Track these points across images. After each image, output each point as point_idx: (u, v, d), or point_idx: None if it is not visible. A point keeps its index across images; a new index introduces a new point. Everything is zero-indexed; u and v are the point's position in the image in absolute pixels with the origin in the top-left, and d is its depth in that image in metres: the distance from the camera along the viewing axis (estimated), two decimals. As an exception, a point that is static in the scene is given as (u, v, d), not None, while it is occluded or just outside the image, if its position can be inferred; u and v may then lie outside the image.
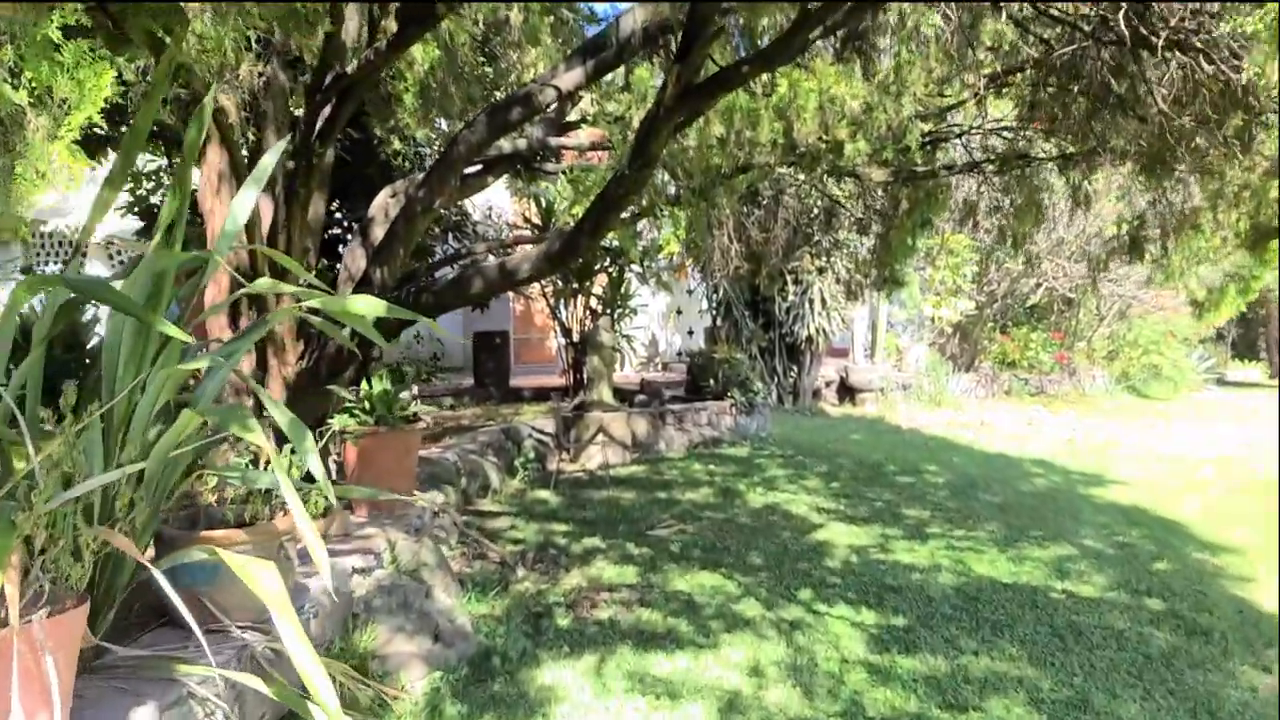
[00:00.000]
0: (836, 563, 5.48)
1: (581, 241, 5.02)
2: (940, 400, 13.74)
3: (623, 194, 4.64)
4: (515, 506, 6.96)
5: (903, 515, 6.83)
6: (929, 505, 7.22)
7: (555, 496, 7.37)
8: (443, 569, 4.24)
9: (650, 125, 4.37)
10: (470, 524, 6.15)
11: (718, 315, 13.13)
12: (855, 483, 8.14)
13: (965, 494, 7.70)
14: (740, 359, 10.88)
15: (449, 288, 5.31)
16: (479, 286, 5.26)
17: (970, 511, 6.99)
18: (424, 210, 5.81)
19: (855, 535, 6.17)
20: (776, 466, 8.91)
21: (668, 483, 7.93)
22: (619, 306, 12.50)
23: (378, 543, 3.95)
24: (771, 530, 6.27)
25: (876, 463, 9.14)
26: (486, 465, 7.44)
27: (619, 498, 7.30)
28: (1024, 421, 13.29)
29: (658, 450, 9.63)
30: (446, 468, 6.48)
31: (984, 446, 10.80)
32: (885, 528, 6.41)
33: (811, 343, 12.81)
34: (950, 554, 5.69)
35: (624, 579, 5.04)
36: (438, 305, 5.36)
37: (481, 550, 5.40)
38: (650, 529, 6.24)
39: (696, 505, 7.04)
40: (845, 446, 10.26)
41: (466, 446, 7.55)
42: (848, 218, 10.11)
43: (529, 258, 5.19)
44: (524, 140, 6.81)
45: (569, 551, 5.64)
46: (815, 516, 6.73)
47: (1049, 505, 7.29)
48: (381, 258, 5.81)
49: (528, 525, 6.35)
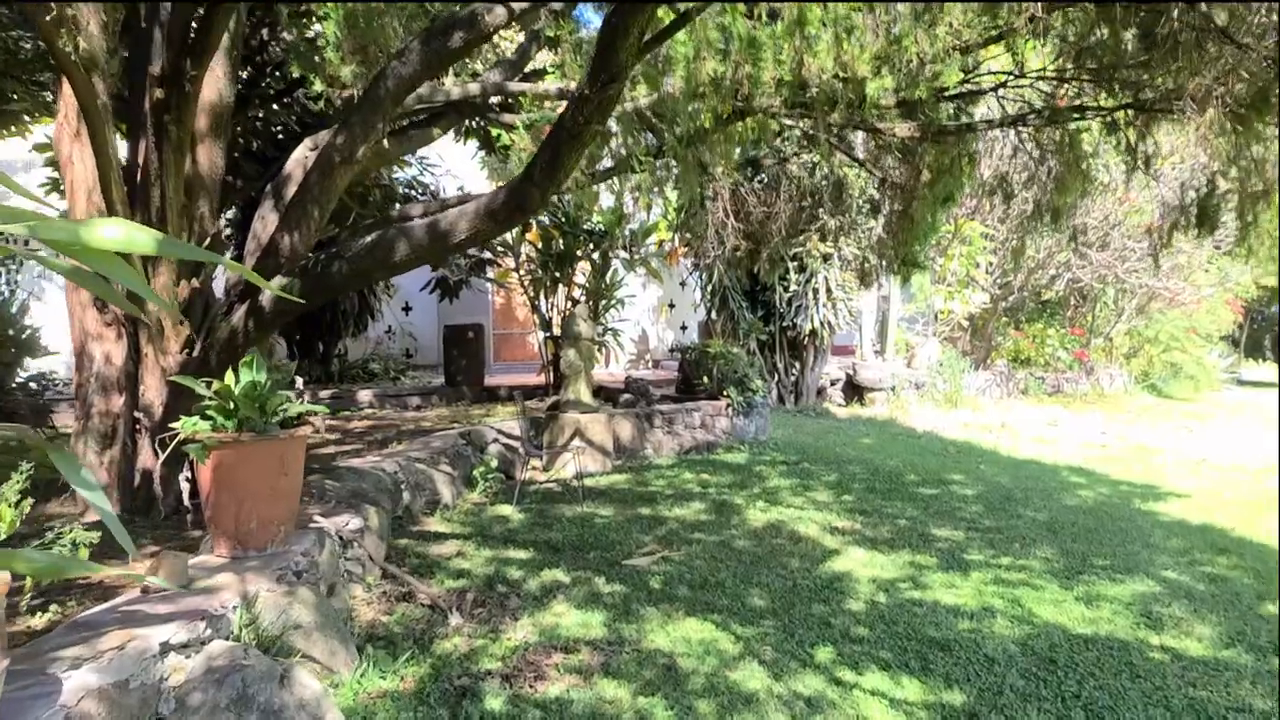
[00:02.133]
0: (860, 604, 4.31)
1: (532, 193, 3.86)
2: (956, 400, 12.59)
3: (583, 122, 3.49)
4: (468, 526, 5.79)
5: (933, 537, 5.67)
6: (962, 524, 6.07)
7: (519, 513, 6.20)
8: (328, 630, 3.07)
9: (615, 25, 3.21)
10: (399, 556, 4.98)
11: (713, 307, 11.96)
12: (871, 495, 6.98)
13: (1002, 509, 6.54)
14: (737, 354, 9.71)
15: (366, 254, 4.14)
16: (404, 252, 4.09)
17: (1013, 531, 5.84)
18: (343, 161, 4.64)
19: (879, 565, 5.01)
20: (779, 475, 7.75)
21: (652, 496, 6.76)
22: (604, 297, 11.34)
23: (227, 598, 2.78)
24: (776, 558, 5.11)
25: (893, 471, 7.98)
26: (437, 476, 6.27)
27: (594, 515, 6.14)
28: (1046, 423, 12.15)
29: (644, 457, 8.47)
30: (378, 481, 5.31)
31: (1009, 451, 9.65)
32: (914, 554, 5.25)
33: (815, 337, 11.65)
34: (1002, 591, 4.53)
35: (587, 630, 3.87)
36: (354, 275, 4.20)
37: (408, 590, 4.23)
38: (627, 557, 5.07)
39: (685, 525, 5.88)
40: (856, 451, 9.10)
41: (413, 454, 6.38)
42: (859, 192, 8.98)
43: (466, 214, 4.03)
44: (477, 85, 5.64)
45: (522, 589, 4.47)
46: (828, 539, 5.57)
47: (1106, 524, 6.13)
48: (291, 221, 4.64)
49: (478, 551, 5.18)
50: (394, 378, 12.47)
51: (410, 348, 14.52)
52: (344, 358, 12.50)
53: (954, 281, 14.37)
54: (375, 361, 12.86)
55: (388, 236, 4.12)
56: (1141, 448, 10.23)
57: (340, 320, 11.80)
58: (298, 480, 3.45)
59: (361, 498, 4.64)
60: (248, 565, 3.11)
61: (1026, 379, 15.56)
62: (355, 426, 8.68)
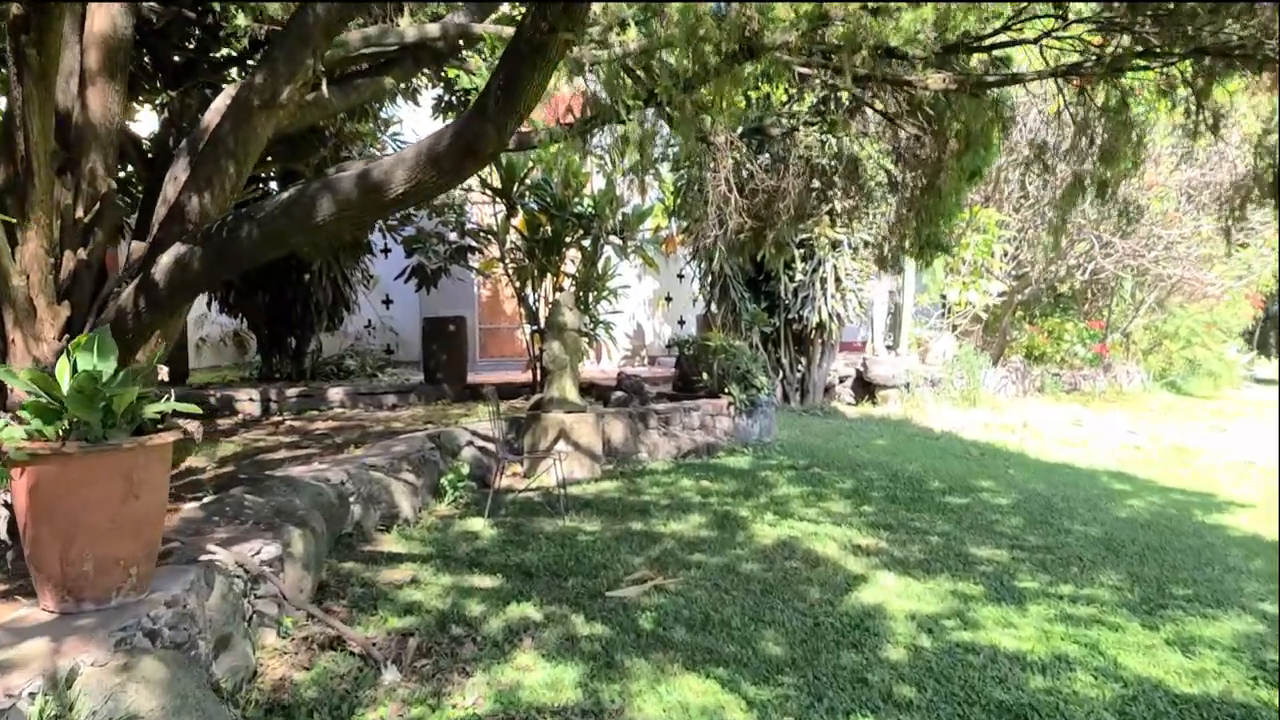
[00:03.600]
0: (900, 651, 3.47)
1: (485, 130, 3.01)
2: (975, 399, 11.75)
3: (548, 29, 2.64)
4: (430, 545, 4.95)
5: (973, 558, 4.83)
6: (1003, 541, 5.23)
7: (490, 528, 5.36)
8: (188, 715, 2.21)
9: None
10: (339, 584, 4.13)
11: (712, 297, 11.10)
12: (894, 506, 6.14)
13: (1046, 522, 5.71)
14: (740, 347, 8.87)
15: (281, 213, 3.29)
16: (328, 210, 3.24)
17: (1065, 551, 5.00)
18: (264, 105, 3.81)
19: (915, 595, 4.17)
20: (788, 482, 6.91)
21: (645, 507, 5.92)
22: (594, 288, 10.48)
23: (18, 681, 1.93)
24: (791, 585, 4.27)
25: (915, 477, 7.14)
26: (395, 486, 5.42)
27: (577, 530, 5.29)
28: (1069, 422, 11.32)
29: (637, 461, 7.62)
30: (317, 495, 4.46)
31: (1038, 453, 8.83)
32: (955, 580, 4.41)
33: (823, 330, 10.80)
34: (1073, 632, 3.68)
35: (557, 694, 3.03)
36: (267, 240, 3.34)
37: (336, 635, 3.38)
38: (614, 586, 4.23)
39: (683, 542, 5.04)
40: (870, 455, 8.26)
41: (370, 460, 5.53)
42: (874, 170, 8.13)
43: (404, 162, 3.18)
44: (437, 27, 4.79)
45: (482, 631, 3.62)
46: (851, 561, 4.73)
47: (1172, 541, 5.30)
48: (200, 178, 3.80)
49: (436, 578, 4.34)
50: (371, 375, 11.60)
51: (391, 343, 13.66)
52: (318, 354, 11.65)
53: (968, 272, 13.53)
54: (351, 358, 12.00)
55: (308, 192, 3.27)
56: (1179, 449, 9.40)
57: (313, 313, 10.93)
58: (156, 505, 2.58)
59: (287, 517, 3.79)
60: (77, 625, 2.27)
61: (1043, 376, 14.72)
62: (317, 428, 7.84)
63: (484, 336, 14.13)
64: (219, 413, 8.79)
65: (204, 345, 12.86)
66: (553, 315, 7.24)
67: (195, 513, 3.75)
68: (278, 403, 9.21)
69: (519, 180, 9.90)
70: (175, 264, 3.44)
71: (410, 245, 10.13)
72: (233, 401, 8.94)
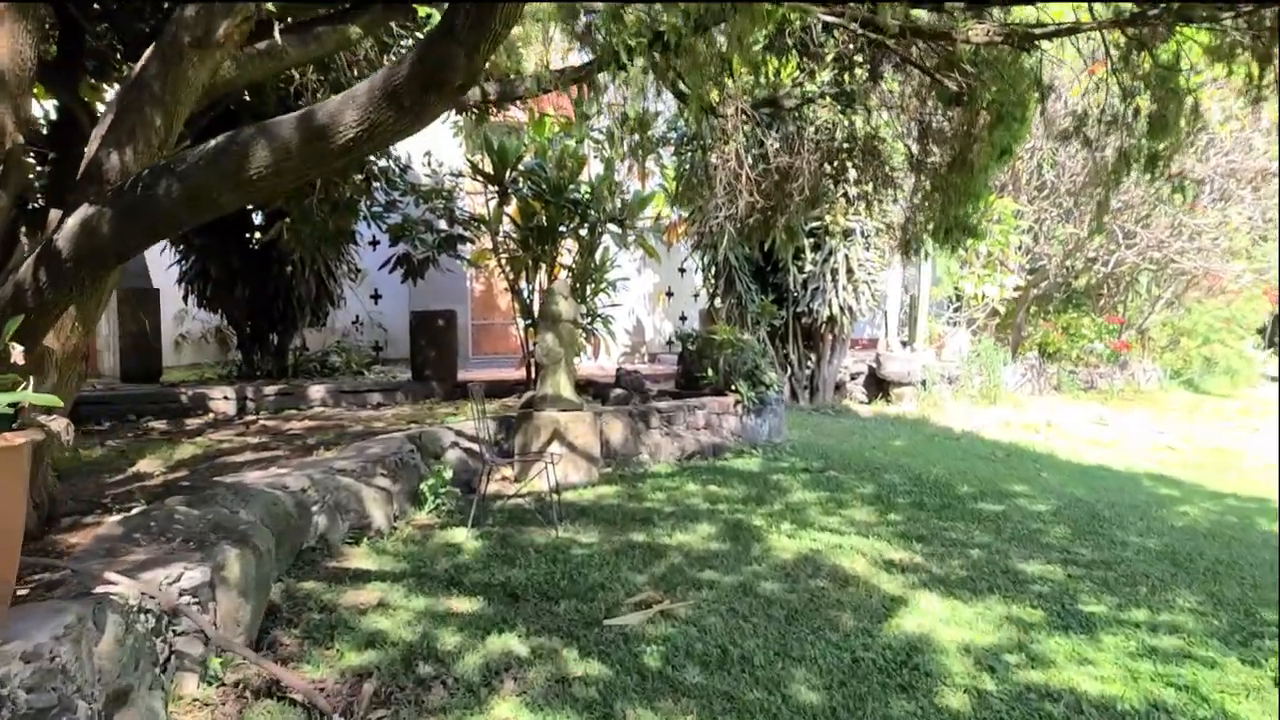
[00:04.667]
0: (960, 696, 2.87)
1: (453, 52, 2.41)
2: (995, 396, 11.15)
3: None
4: (404, 560, 4.35)
5: (1022, 575, 4.23)
6: (1053, 554, 4.63)
7: (474, 540, 4.75)
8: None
9: None
10: (293, 608, 3.53)
11: (716, 289, 10.50)
12: (923, 513, 5.55)
13: (1095, 532, 5.11)
14: (749, 341, 8.28)
15: (207, 165, 2.69)
16: (263, 159, 2.64)
17: (1125, 566, 4.41)
18: (196, 45, 3.22)
19: (965, 620, 3.57)
20: (803, 487, 6.32)
21: (648, 515, 5.32)
22: (592, 279, 9.89)
23: None
24: (820, 610, 3.67)
25: (940, 480, 6.55)
26: (367, 493, 4.82)
27: (571, 542, 4.69)
28: (1093, 422, 10.74)
29: (638, 463, 7.02)
30: (270, 505, 3.85)
31: (1068, 455, 8.23)
32: (1007, 602, 3.81)
33: (834, 324, 10.20)
34: (1162, 670, 3.09)
35: (543, 756, 2.43)
36: (190, 198, 2.74)
37: (273, 680, 2.77)
38: (612, 611, 3.63)
39: (691, 557, 4.44)
40: (889, 456, 7.67)
41: (339, 464, 4.92)
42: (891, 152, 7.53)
43: (355, 99, 2.58)
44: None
45: (455, 670, 3.02)
46: (885, 579, 4.13)
47: (1242, 555, 4.71)
48: (122, 130, 3.19)
49: (408, 601, 3.74)
50: (357, 372, 10.99)
51: (380, 339, 13.04)
52: (301, 351, 11.04)
53: (982, 264, 12.93)
54: (336, 354, 11.38)
55: (239, 139, 2.67)
56: (1217, 450, 8.81)
57: (295, 308, 10.32)
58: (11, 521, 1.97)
59: (226, 533, 3.18)
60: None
61: (1059, 373, 14.13)
62: (291, 428, 7.23)
63: (477, 332, 13.52)
64: (190, 412, 8.18)
65: (184, 342, 12.24)
66: (546, 305, 6.63)
67: (114, 530, 3.14)
68: (254, 401, 8.60)
69: (512, 165, 9.31)
70: (81, 229, 2.84)
71: (396, 234, 9.52)
72: (205, 400, 8.33)
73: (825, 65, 6.85)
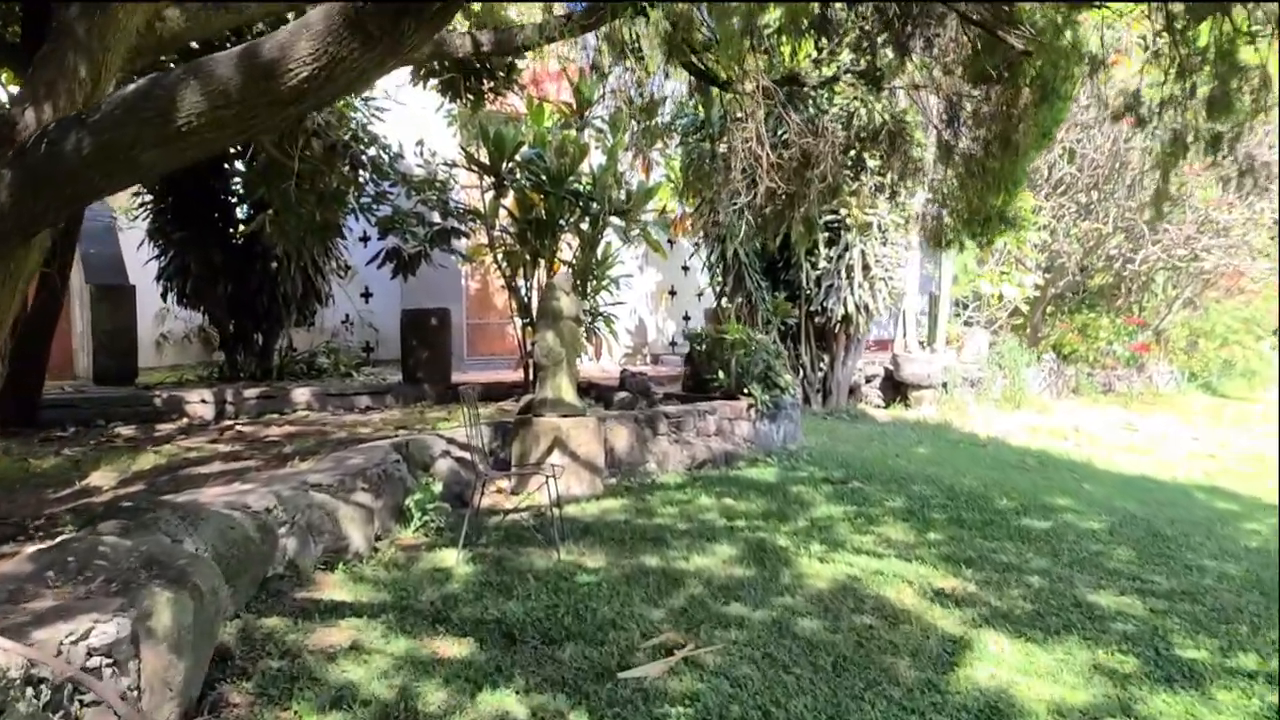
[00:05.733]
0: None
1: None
2: (1019, 400, 10.61)
3: None
4: (385, 590, 3.79)
5: (1097, 609, 3.68)
6: (1124, 582, 4.08)
7: (466, 563, 4.20)
8: None
9: None
10: (250, 650, 2.96)
11: (724, 287, 9.94)
12: (964, 531, 5.00)
13: (1164, 555, 4.57)
14: (763, 341, 7.73)
15: (125, 113, 2.13)
16: (195, 105, 2.08)
17: (1212, 598, 3.86)
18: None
19: (1047, 671, 3.02)
20: (826, 500, 5.77)
21: (660, 534, 4.76)
22: (594, 276, 9.34)
23: None
24: (871, 655, 3.12)
25: (976, 493, 6.00)
26: (344, 511, 4.25)
27: (576, 567, 4.14)
28: (1121, 427, 10.20)
29: (645, 473, 6.46)
30: (225, 530, 3.28)
31: (1105, 464, 7.69)
32: (1090, 644, 3.26)
33: (849, 323, 9.65)
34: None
35: None
36: (105, 155, 2.18)
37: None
38: (627, 659, 3.07)
39: (714, 586, 3.88)
40: (914, 465, 7.12)
41: (314, 478, 4.35)
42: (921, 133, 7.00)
43: (310, 27, 2.02)
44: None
45: (438, 740, 2.47)
46: (939, 614, 3.58)
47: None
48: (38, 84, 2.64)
49: (385, 643, 3.18)
50: (346, 374, 10.42)
51: (371, 340, 12.48)
52: (287, 351, 10.47)
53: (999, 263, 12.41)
54: (324, 355, 10.81)
55: (165, 81, 2.11)
56: (1260, 458, 8.27)
57: (281, 306, 9.73)
58: None
59: (160, 570, 2.62)
60: None
61: (1077, 375, 13.60)
62: (270, 434, 6.69)
63: (472, 332, 12.95)
64: (164, 416, 7.60)
65: (166, 343, 11.65)
66: (546, 300, 6.07)
67: (22, 566, 2.58)
68: (234, 405, 8.03)
69: (509, 155, 8.76)
70: (-28, 197, 2.28)
71: (385, 226, 8.96)
72: (181, 403, 7.75)
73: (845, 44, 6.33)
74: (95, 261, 9.62)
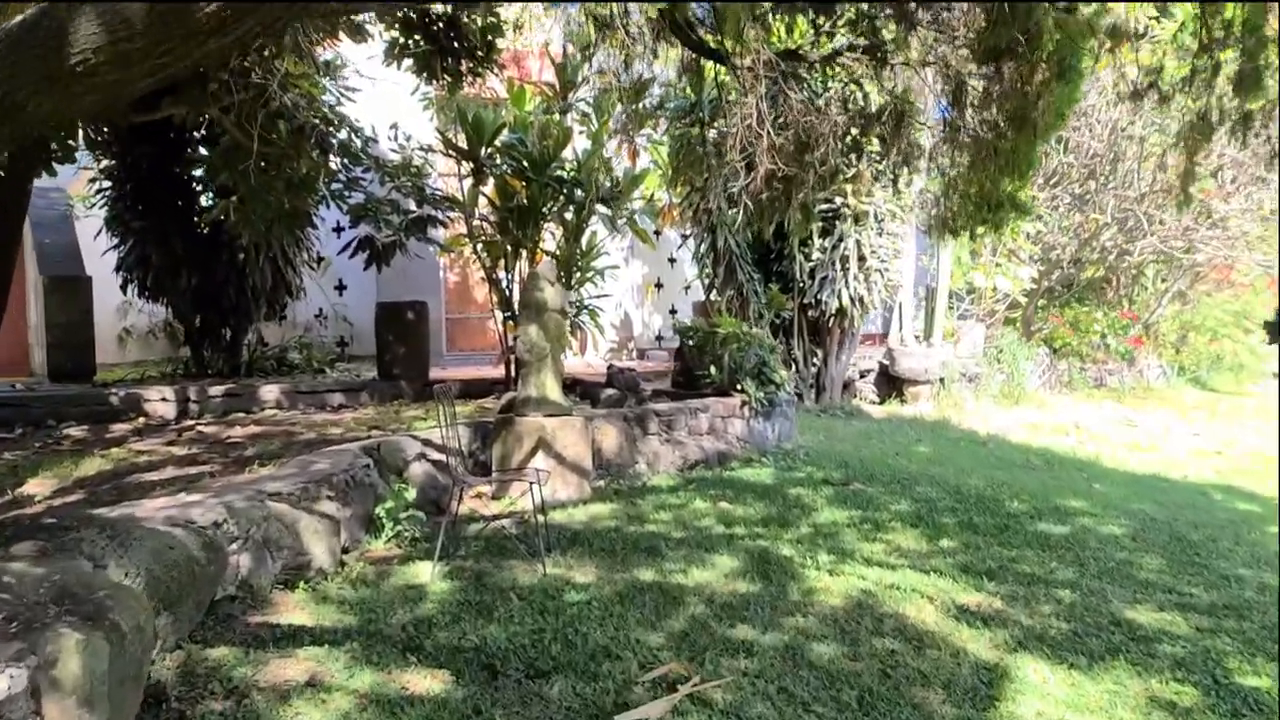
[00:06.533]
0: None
1: None
2: (1018, 396, 10.33)
3: None
4: (351, 612, 3.38)
5: (1137, 628, 3.35)
6: (1160, 595, 3.75)
7: (442, 580, 3.80)
8: None
9: None
10: (191, 690, 2.55)
11: (715, 278, 9.57)
12: (978, 538, 4.66)
13: (1195, 563, 4.25)
14: (757, 335, 7.38)
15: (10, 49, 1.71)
16: (92, 39, 1.67)
17: (1256, 613, 3.55)
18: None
19: (1099, 707, 2.68)
20: (828, 504, 5.42)
21: (654, 543, 4.39)
22: (578, 267, 8.94)
23: None
24: (899, 688, 2.76)
25: (985, 495, 5.68)
26: (306, 523, 3.83)
27: (563, 585, 3.75)
28: (1120, 423, 9.95)
29: (635, 474, 6.07)
30: (163, 549, 2.87)
31: (1112, 462, 7.41)
32: (1140, 673, 2.92)
33: (844, 317, 9.32)
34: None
35: None
36: None
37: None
38: (625, 693, 2.69)
39: (717, 605, 3.51)
40: (916, 465, 6.80)
41: (273, 486, 3.93)
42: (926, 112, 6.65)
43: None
44: None
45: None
46: (967, 635, 3.22)
47: (1391, 594, 3.85)
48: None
49: (349, 678, 2.78)
50: (318, 370, 9.95)
51: (345, 334, 12.01)
52: (258, 346, 9.99)
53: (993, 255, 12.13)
54: (296, 350, 10.33)
55: (57, 10, 1.70)
56: (1268, 456, 8.02)
57: (249, 299, 9.24)
58: None
59: (73, 605, 2.21)
60: None
61: (1070, 370, 13.37)
62: (233, 434, 6.24)
63: (451, 326, 12.50)
64: (121, 415, 7.12)
65: (129, 337, 11.11)
66: (529, 291, 5.66)
67: (-97, 601, 2.15)
68: (198, 403, 7.55)
69: (488, 140, 8.33)
70: None
71: (358, 214, 8.50)
72: (140, 402, 7.26)
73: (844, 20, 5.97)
74: (50, 251, 9.10)
